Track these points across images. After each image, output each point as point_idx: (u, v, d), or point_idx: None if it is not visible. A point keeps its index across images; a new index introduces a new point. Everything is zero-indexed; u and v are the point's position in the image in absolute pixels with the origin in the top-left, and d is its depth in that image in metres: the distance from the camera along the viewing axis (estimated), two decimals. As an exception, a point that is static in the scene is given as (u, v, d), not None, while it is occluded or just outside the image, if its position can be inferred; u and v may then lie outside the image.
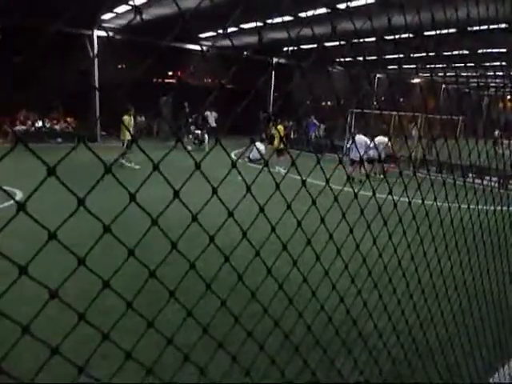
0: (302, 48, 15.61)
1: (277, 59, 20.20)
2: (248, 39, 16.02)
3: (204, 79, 21.04)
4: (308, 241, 1.21)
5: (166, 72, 20.46)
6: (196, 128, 16.39)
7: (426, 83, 17.48)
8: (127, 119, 11.08)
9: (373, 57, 15.59)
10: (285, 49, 18.97)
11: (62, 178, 0.69)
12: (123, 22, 15.24)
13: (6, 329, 1.02)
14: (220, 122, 18.03)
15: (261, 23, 12.93)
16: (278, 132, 12.11)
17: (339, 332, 1.45)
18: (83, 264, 0.74)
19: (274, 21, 10.61)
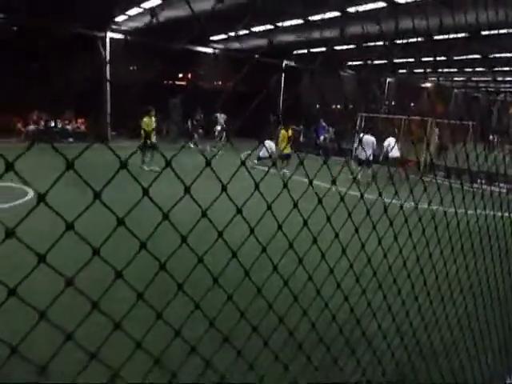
0: (312, 51, 15.61)
1: (287, 62, 20.24)
2: (258, 42, 16.09)
3: (214, 82, 21.14)
4: (314, 239, 1.24)
5: (177, 74, 20.62)
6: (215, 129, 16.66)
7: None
8: (147, 121, 10.45)
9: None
10: (294, 52, 19.00)
11: (76, 177, 0.73)
12: (136, 25, 15.42)
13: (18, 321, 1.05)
14: (229, 124, 18.07)
15: (271, 26, 12.99)
16: (284, 136, 12.14)
17: (343, 331, 1.47)
18: (97, 254, 0.77)
19: (285, 24, 10.65)
